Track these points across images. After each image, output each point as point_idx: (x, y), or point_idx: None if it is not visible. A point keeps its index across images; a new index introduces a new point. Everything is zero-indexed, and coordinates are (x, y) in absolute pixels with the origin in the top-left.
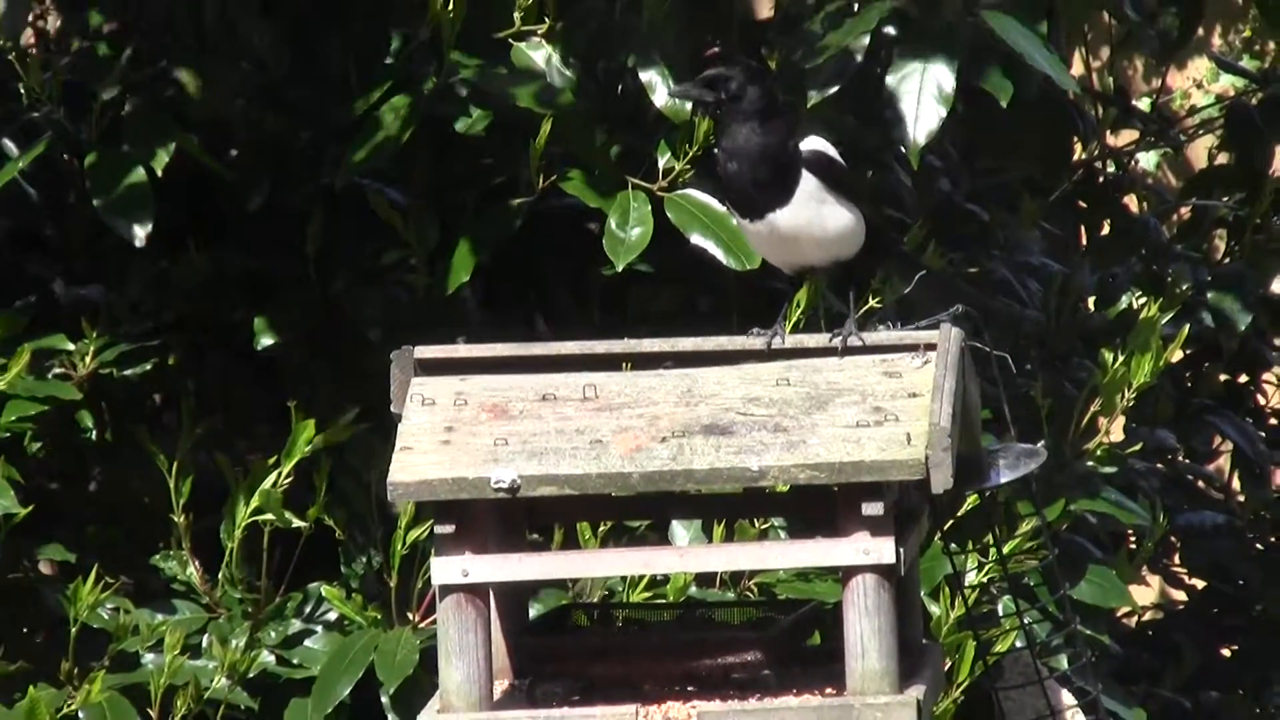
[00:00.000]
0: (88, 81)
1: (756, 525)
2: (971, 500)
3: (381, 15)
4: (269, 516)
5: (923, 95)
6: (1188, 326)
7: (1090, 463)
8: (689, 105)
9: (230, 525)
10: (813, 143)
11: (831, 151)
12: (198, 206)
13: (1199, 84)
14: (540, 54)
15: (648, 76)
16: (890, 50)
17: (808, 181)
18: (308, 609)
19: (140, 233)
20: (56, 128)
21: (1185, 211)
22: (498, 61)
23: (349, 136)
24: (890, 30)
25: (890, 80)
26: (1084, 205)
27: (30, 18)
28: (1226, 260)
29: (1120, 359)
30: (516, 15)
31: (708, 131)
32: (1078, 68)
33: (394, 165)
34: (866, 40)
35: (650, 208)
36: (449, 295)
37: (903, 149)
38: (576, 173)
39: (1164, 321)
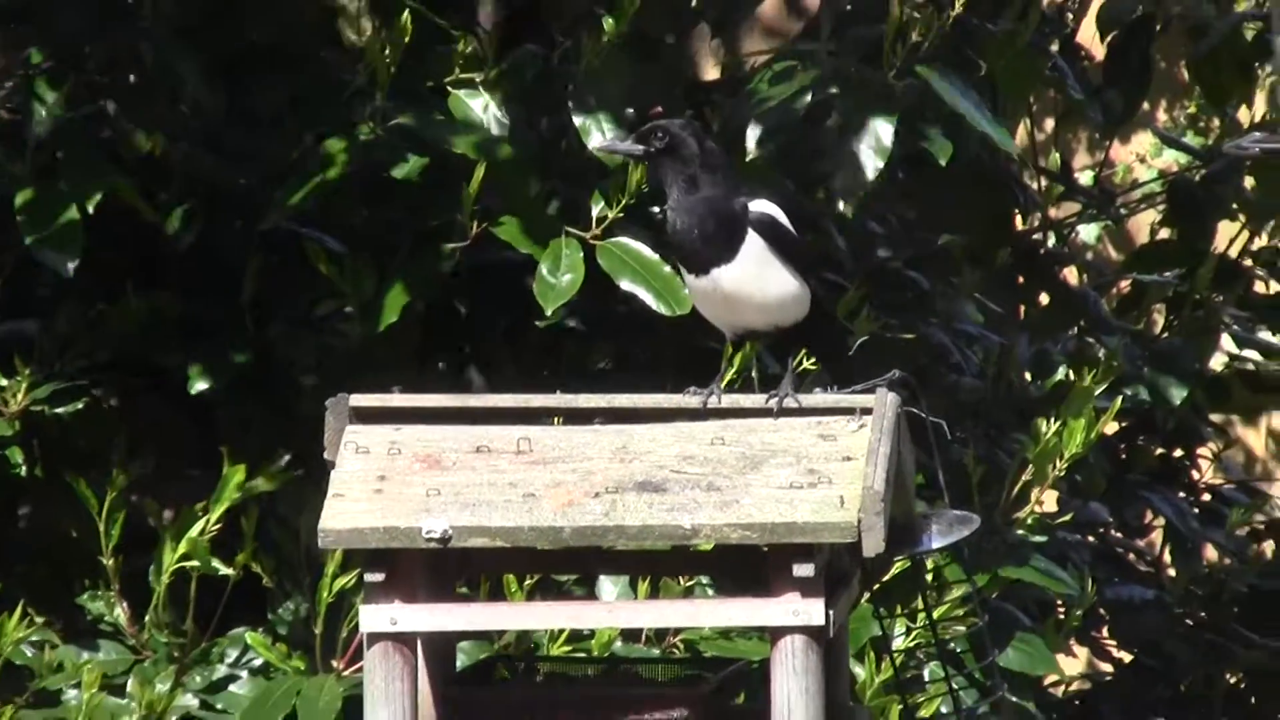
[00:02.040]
0: (23, 117)
1: (682, 583)
2: (900, 564)
3: (318, 61)
4: (196, 563)
5: (860, 147)
6: (1120, 399)
7: (1020, 531)
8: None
9: (158, 570)
10: (762, 205)
11: (781, 217)
12: (135, 250)
13: (1142, 159)
14: (478, 102)
15: (581, 120)
16: (832, 112)
17: (753, 241)
18: (234, 655)
19: (69, 266)
20: None
21: (1125, 285)
22: (435, 108)
23: (281, 183)
24: (833, 91)
25: (829, 134)
26: (1023, 278)
27: None
28: (1165, 335)
29: (1053, 429)
30: (455, 62)
31: (640, 180)
32: (1021, 139)
33: (329, 210)
34: (808, 98)
35: (582, 255)
36: (381, 340)
37: (839, 203)
38: (509, 219)
39: (1098, 393)
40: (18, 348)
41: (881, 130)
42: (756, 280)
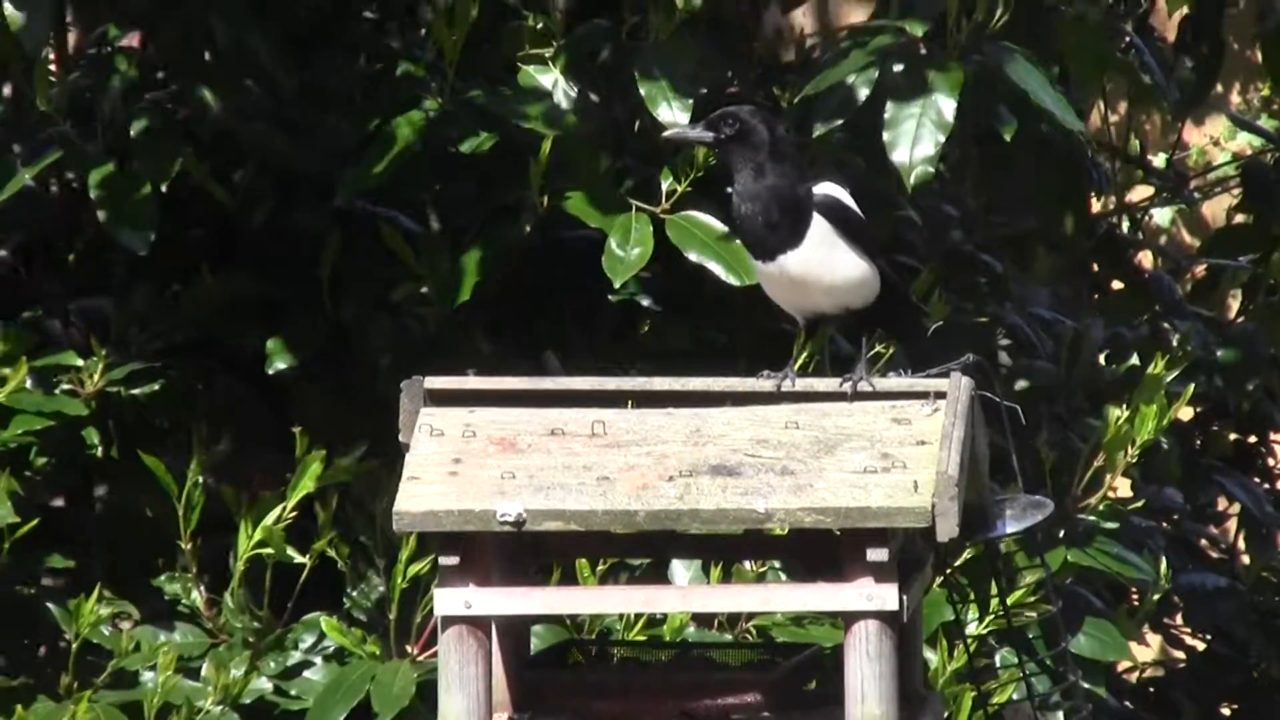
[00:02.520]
0: (96, 95)
1: (755, 568)
2: (974, 549)
3: (388, 38)
4: (270, 551)
5: (922, 120)
6: (1192, 386)
7: (1093, 517)
8: (686, 118)
9: (234, 556)
10: (826, 188)
11: (846, 199)
12: (211, 230)
13: (1216, 142)
14: (548, 77)
15: (647, 89)
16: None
17: (819, 225)
18: (309, 641)
19: (142, 244)
20: (64, 141)
21: (1200, 271)
22: (505, 84)
23: (355, 158)
24: (899, 68)
25: (891, 107)
26: (1096, 263)
27: (53, 35)
28: (1240, 320)
29: (1125, 415)
30: (525, 39)
31: (708, 154)
32: (1095, 123)
33: (401, 189)
34: (876, 74)
35: (651, 229)
36: (455, 318)
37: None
38: (578, 193)
39: (1171, 379)
40: (93, 327)
41: (943, 105)
42: (823, 264)
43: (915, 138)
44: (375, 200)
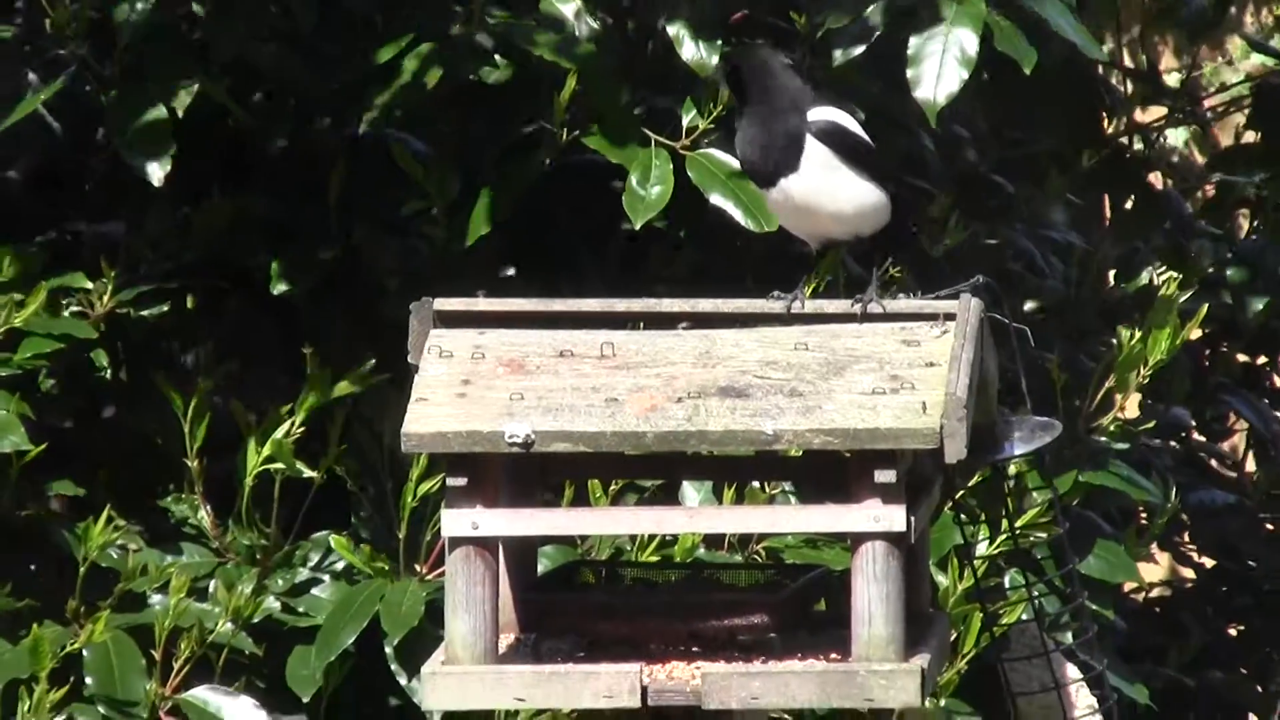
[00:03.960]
0: (112, 18)
1: (767, 490)
2: (983, 471)
3: None
4: (280, 465)
5: (945, 57)
6: (1206, 307)
7: (1103, 438)
8: (714, 59)
9: (242, 472)
10: (824, 113)
11: (847, 123)
12: (223, 153)
13: (1229, 62)
14: (569, 7)
15: (675, 30)
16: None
17: (816, 149)
18: (316, 558)
19: (158, 172)
20: (80, 64)
21: (1210, 190)
22: (527, 13)
23: (365, 89)
24: None
25: (913, 42)
26: (1109, 182)
27: None
28: (1251, 238)
29: (1137, 336)
30: None
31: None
32: (1109, 43)
33: (419, 116)
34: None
35: (671, 166)
36: (469, 247)
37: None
38: (599, 128)
39: (1184, 299)
40: (104, 250)
41: (965, 40)
42: (826, 189)
43: (939, 75)
44: (388, 124)
